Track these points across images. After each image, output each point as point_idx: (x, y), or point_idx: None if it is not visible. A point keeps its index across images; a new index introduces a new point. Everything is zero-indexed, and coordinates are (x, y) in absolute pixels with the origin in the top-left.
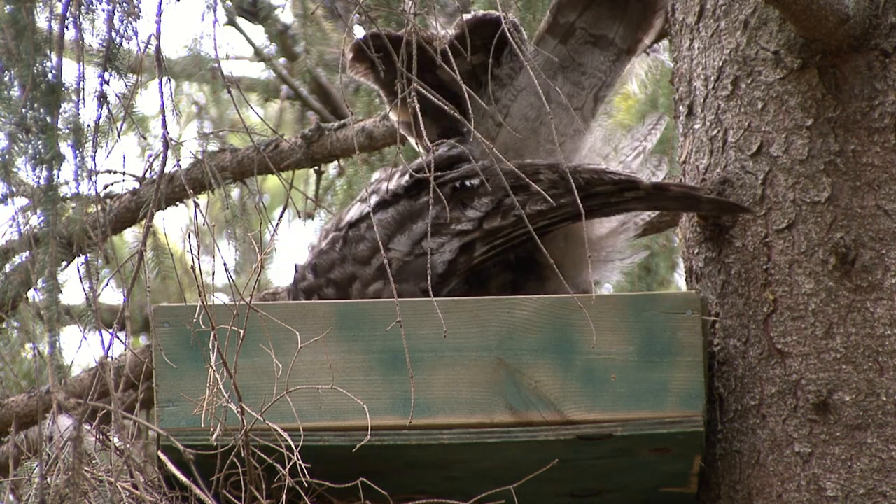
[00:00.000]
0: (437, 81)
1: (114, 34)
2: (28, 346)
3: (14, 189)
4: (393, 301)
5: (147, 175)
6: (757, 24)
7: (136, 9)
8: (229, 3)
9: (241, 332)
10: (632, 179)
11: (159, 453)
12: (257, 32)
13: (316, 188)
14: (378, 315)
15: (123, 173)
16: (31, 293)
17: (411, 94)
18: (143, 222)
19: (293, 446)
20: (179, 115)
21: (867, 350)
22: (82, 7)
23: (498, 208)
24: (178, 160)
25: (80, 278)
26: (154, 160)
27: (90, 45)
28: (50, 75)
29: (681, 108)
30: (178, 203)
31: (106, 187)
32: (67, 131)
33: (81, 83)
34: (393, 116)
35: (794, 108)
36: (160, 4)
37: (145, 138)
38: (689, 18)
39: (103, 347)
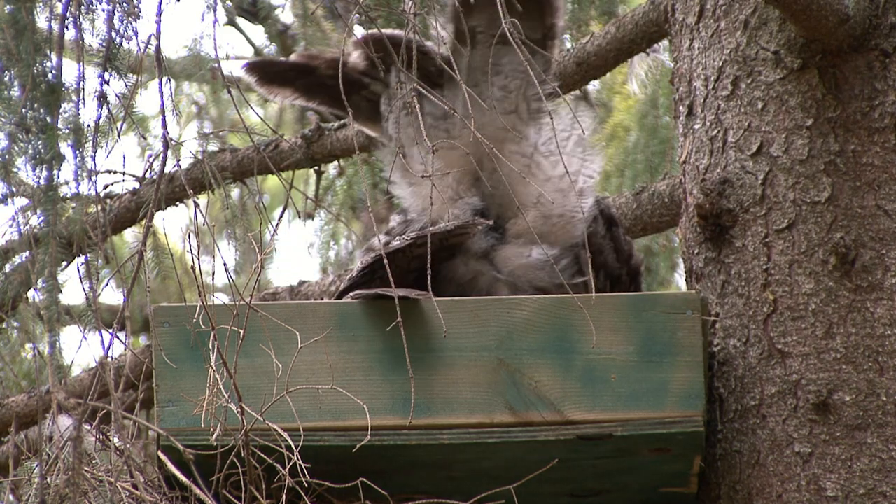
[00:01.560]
0: (363, 101)
1: (114, 34)
2: (28, 346)
3: (14, 189)
4: (393, 301)
5: (147, 175)
6: (757, 24)
7: (136, 9)
8: (229, 3)
9: (241, 332)
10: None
11: (159, 453)
12: (257, 32)
13: (316, 188)
14: (378, 315)
15: (123, 173)
16: (31, 293)
17: (411, 95)
18: (143, 222)
19: (293, 446)
20: (179, 115)
21: (867, 350)
22: (82, 7)
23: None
24: (178, 160)
25: (80, 278)
26: (154, 160)
27: (90, 45)
28: (50, 75)
29: (681, 108)
30: (178, 203)
31: (106, 187)
32: (67, 131)
33: (81, 83)
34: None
35: (794, 108)
36: (160, 4)
37: (145, 138)
38: (689, 18)
39: (103, 347)
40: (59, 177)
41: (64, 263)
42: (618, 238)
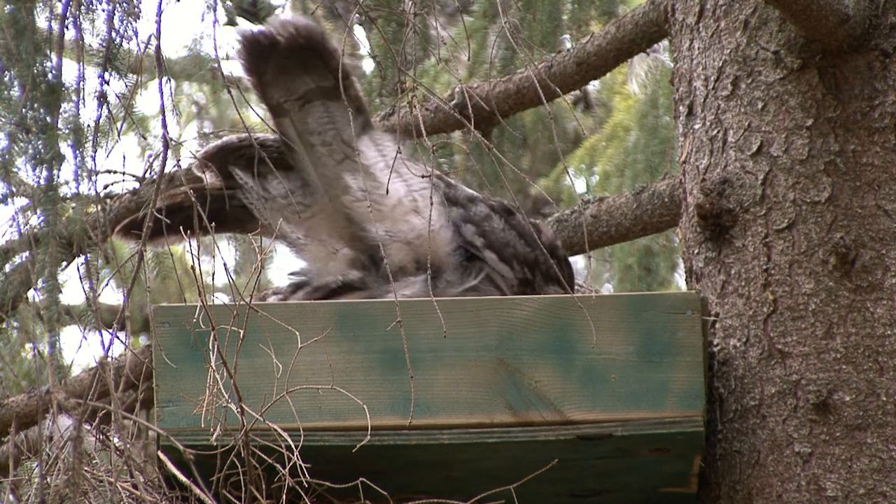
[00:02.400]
0: (238, 210)
1: (114, 34)
2: (28, 346)
3: (14, 189)
4: (393, 301)
5: (147, 175)
6: (757, 24)
7: (136, 9)
8: (229, 3)
9: (241, 332)
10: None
11: (159, 453)
12: None
13: None
14: (378, 315)
15: (123, 173)
16: (31, 293)
17: (414, 91)
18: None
19: (293, 446)
20: (179, 115)
21: (867, 350)
22: (82, 7)
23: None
24: (178, 160)
25: (80, 278)
26: (154, 160)
27: (90, 45)
28: (50, 75)
29: (681, 108)
30: None
31: (106, 187)
32: (67, 131)
33: (81, 83)
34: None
35: (794, 108)
36: (160, 4)
37: (145, 138)
38: (689, 18)
39: (103, 347)
40: (59, 177)
41: (64, 263)
42: (519, 225)
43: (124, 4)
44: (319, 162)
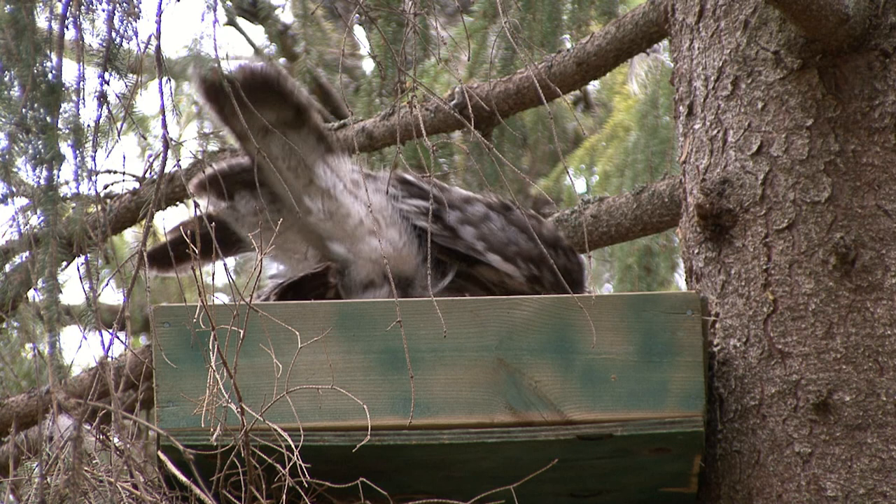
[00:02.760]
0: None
1: (114, 34)
2: (28, 346)
3: (14, 189)
4: (393, 301)
5: (147, 175)
6: (757, 24)
7: (136, 9)
8: (229, 3)
9: (241, 332)
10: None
11: (159, 453)
12: (257, 32)
13: None
14: (378, 315)
15: (123, 173)
16: (31, 293)
17: (414, 91)
18: (143, 222)
19: (293, 446)
20: (179, 115)
21: (867, 350)
22: (82, 7)
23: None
24: (178, 160)
25: (80, 278)
26: (154, 160)
27: (90, 45)
28: (50, 75)
29: (681, 108)
30: (178, 203)
31: (106, 187)
32: (67, 131)
33: (81, 83)
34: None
35: (794, 108)
36: (160, 4)
37: (145, 138)
38: (689, 18)
39: (103, 347)
40: (59, 177)
41: (64, 263)
42: (519, 220)
43: (124, 4)
44: (288, 183)
